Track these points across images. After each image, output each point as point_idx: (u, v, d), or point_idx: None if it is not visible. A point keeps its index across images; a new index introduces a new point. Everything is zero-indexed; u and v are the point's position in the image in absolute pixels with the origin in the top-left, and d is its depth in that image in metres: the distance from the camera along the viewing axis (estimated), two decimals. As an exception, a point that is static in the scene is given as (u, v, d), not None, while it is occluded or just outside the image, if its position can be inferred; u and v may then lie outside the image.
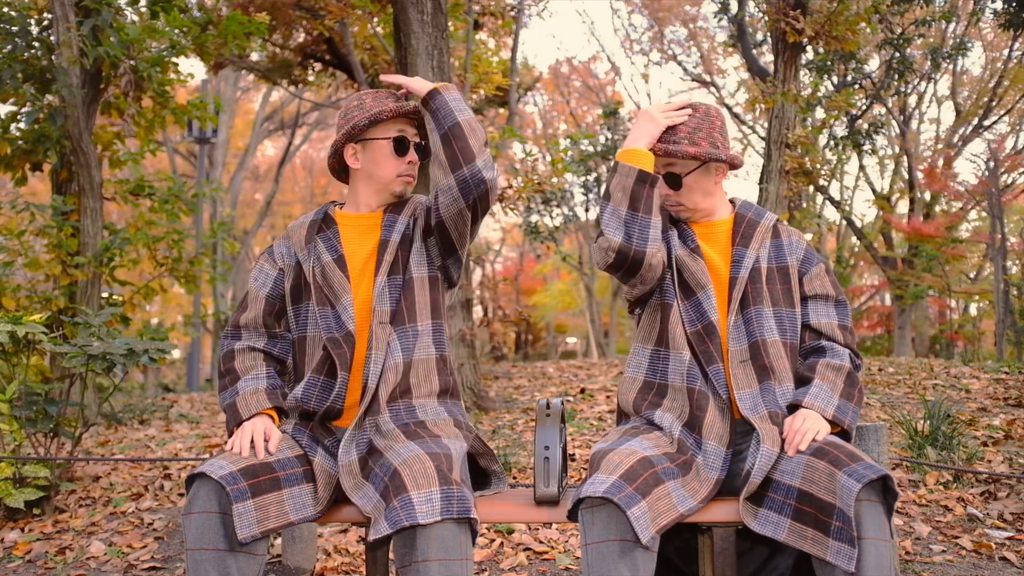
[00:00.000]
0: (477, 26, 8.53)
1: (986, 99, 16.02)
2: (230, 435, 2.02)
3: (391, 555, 2.63)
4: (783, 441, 1.90)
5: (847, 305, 2.12)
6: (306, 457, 1.98)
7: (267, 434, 1.96)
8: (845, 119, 12.39)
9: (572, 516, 1.83)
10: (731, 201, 2.20)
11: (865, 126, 12.23)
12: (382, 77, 2.23)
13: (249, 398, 2.04)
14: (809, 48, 8.88)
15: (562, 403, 2.05)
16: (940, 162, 16.76)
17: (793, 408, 1.97)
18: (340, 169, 2.23)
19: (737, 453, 1.98)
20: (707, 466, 1.92)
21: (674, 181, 2.09)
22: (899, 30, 11.34)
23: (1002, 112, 16.18)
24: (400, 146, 2.14)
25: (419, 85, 2.14)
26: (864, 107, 13.18)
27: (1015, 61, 15.16)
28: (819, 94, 9.74)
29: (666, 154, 2.05)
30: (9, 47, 5.42)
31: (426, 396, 2.07)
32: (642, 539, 1.67)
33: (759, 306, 2.04)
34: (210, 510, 1.79)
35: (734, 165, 2.10)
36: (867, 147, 12.41)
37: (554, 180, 5.57)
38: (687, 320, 2.05)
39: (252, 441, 1.94)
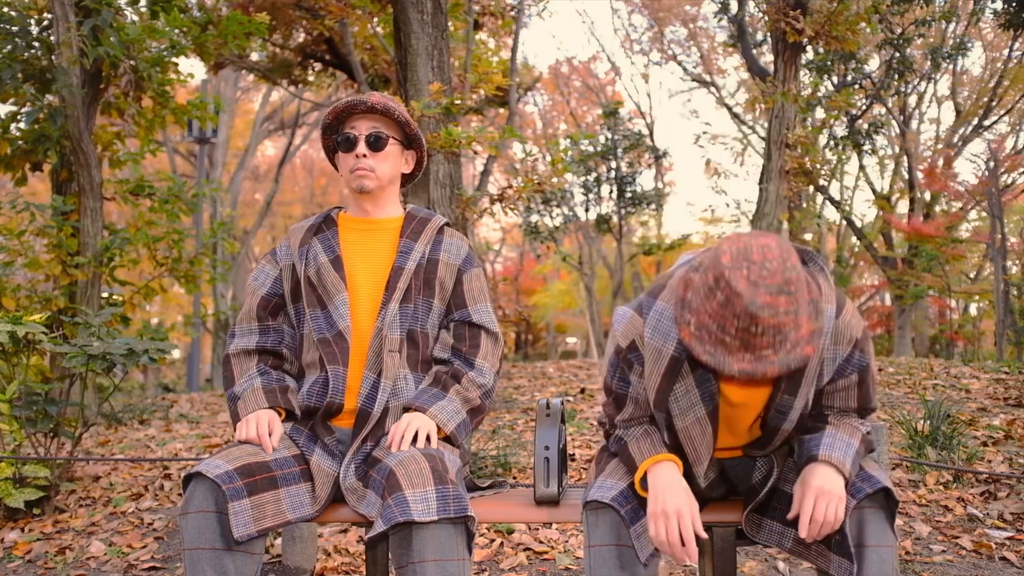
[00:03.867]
0: (477, 26, 8.53)
1: (986, 99, 16.03)
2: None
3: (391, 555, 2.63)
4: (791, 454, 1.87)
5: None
6: (303, 456, 1.97)
7: (270, 425, 1.96)
8: (845, 119, 12.40)
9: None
10: None
11: (865, 126, 12.24)
12: None
13: (248, 400, 2.03)
14: (809, 48, 8.88)
15: (562, 403, 2.05)
16: (940, 162, 16.75)
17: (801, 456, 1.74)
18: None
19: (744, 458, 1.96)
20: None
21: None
22: (899, 30, 11.35)
23: (1002, 112, 16.18)
24: (347, 143, 2.14)
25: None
26: (864, 107, 13.19)
27: (1015, 61, 15.16)
28: (819, 94, 9.75)
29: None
30: (9, 47, 5.41)
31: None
32: (640, 557, 1.68)
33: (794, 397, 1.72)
34: (207, 509, 1.78)
35: None
36: (867, 147, 12.42)
37: (554, 180, 5.55)
38: (663, 426, 1.80)
39: (259, 431, 1.96)
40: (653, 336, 1.68)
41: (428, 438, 1.94)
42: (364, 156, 2.12)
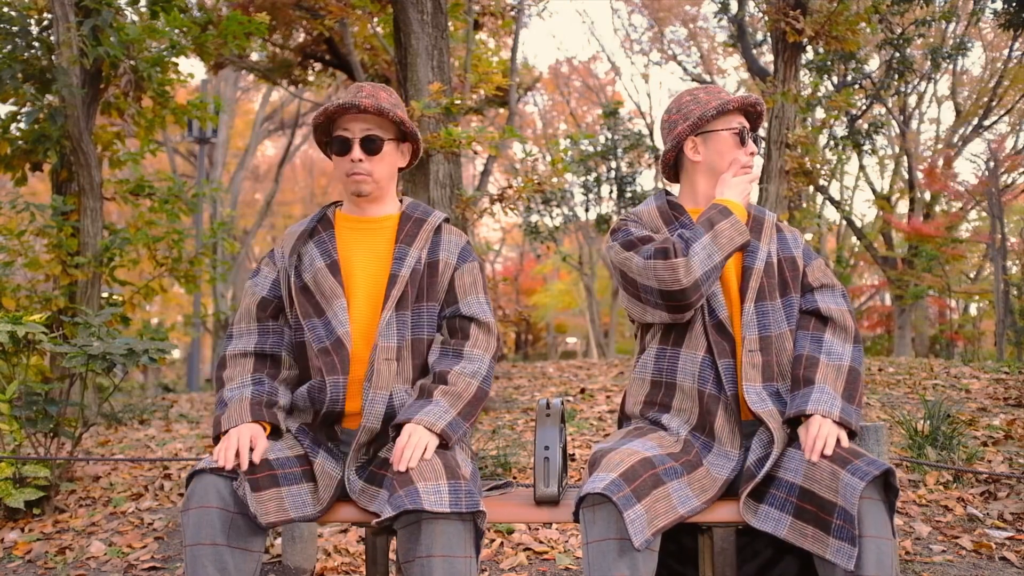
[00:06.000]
0: (477, 26, 8.53)
1: (986, 99, 16.03)
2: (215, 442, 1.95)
3: (391, 555, 2.63)
4: (785, 442, 1.90)
5: (848, 297, 2.15)
6: (307, 458, 1.97)
7: (253, 441, 1.88)
8: (845, 119, 12.40)
9: (577, 517, 1.83)
10: None
11: (865, 126, 12.23)
12: None
13: (232, 411, 1.95)
14: (809, 48, 8.88)
15: (562, 403, 2.05)
16: (940, 162, 16.75)
17: (795, 418, 1.92)
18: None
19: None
20: (715, 467, 1.92)
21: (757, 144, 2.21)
22: (899, 30, 11.34)
23: (1002, 112, 16.18)
24: (341, 145, 2.08)
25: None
26: (864, 107, 13.19)
27: (1015, 61, 15.16)
28: (819, 94, 9.75)
29: (759, 115, 2.18)
30: (9, 47, 5.42)
31: None
32: (635, 542, 1.67)
33: (774, 300, 2.06)
34: (208, 505, 1.79)
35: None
36: (867, 147, 12.41)
37: (554, 180, 5.56)
38: (707, 312, 2.03)
39: (239, 450, 1.87)
40: (642, 206, 2.23)
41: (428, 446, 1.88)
42: (360, 160, 2.07)
